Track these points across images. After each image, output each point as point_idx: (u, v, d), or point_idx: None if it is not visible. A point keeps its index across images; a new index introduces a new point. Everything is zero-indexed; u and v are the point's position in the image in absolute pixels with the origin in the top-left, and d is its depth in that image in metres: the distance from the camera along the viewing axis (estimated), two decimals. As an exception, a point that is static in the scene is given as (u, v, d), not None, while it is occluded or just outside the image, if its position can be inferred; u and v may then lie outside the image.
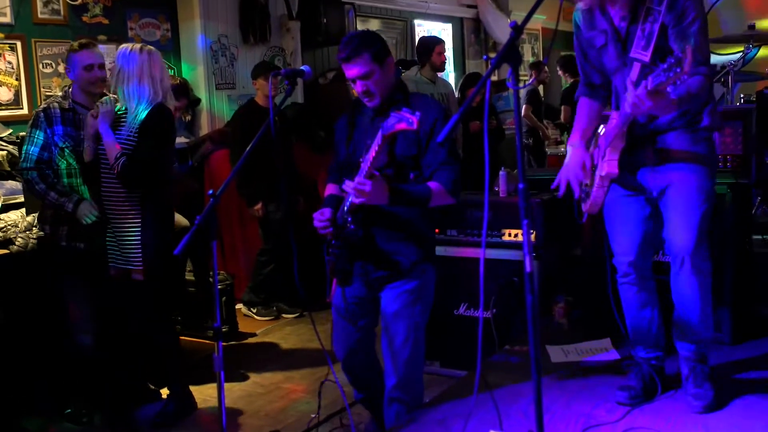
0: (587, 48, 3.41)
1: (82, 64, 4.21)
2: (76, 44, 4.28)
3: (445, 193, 3.24)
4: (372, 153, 3.01)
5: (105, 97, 4.23)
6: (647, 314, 3.49)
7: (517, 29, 2.21)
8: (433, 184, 3.22)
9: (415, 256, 3.36)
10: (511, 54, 2.20)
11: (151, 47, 4.21)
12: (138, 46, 4.17)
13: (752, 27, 6.13)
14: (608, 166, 3.21)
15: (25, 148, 4.23)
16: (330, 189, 3.62)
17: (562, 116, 9.45)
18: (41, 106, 4.31)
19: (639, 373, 3.51)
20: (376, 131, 3.05)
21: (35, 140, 4.20)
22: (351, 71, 3.24)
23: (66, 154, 4.24)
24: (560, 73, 9.85)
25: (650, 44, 3.05)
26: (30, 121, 4.29)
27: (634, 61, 3.12)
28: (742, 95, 5.93)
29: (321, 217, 3.38)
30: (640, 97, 2.76)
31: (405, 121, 2.84)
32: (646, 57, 3.06)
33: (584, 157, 3.39)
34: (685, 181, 3.20)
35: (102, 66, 4.29)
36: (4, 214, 4.70)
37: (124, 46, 4.18)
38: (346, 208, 3.27)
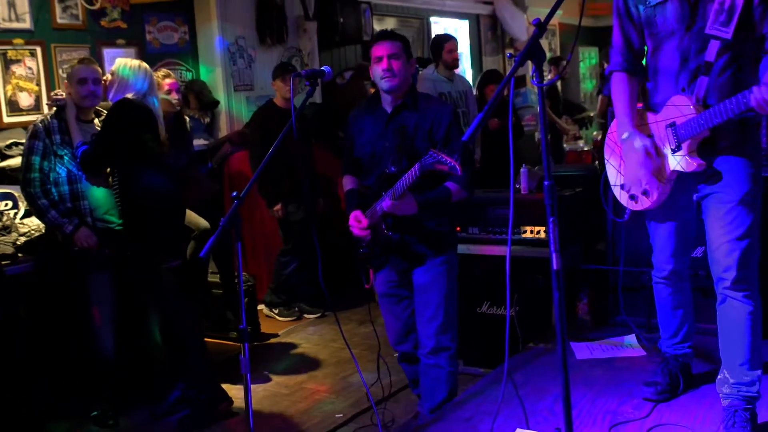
0: (634, 4, 3.07)
1: (76, 77, 4.38)
2: (76, 61, 4.54)
3: (461, 191, 3.56)
4: (408, 181, 3.29)
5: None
6: (679, 315, 3.45)
7: (541, 26, 2.19)
8: (450, 185, 3.53)
9: (439, 247, 3.65)
10: (534, 51, 2.20)
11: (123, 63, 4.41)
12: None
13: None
14: (694, 160, 2.95)
15: (26, 158, 4.36)
16: (348, 182, 3.85)
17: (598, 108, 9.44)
18: (38, 119, 4.46)
19: (666, 368, 3.47)
20: (394, 135, 3.54)
21: (36, 150, 4.35)
22: (382, 48, 3.54)
23: (66, 161, 4.38)
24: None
25: (732, 19, 2.76)
26: (28, 134, 4.43)
27: (710, 38, 2.84)
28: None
29: (359, 225, 3.62)
30: None
31: (447, 164, 3.09)
32: (728, 34, 2.77)
33: (648, 145, 3.05)
34: (727, 196, 2.96)
35: (96, 81, 4.41)
36: (27, 219, 4.74)
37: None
38: (377, 215, 3.55)
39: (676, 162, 3.00)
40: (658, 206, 3.16)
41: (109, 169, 4.44)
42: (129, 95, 4.30)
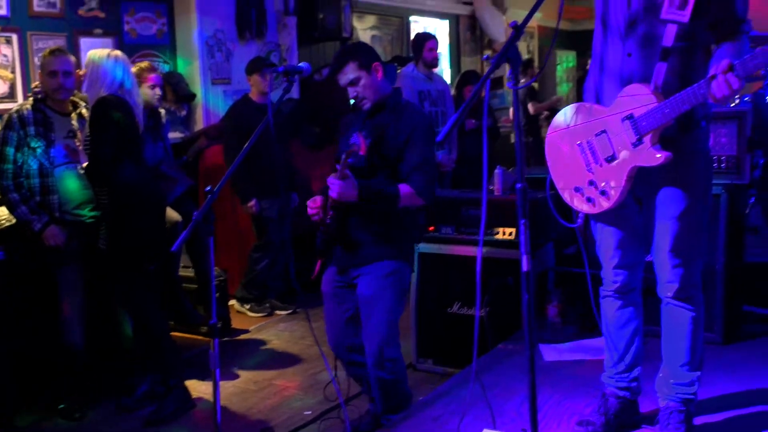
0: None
1: (47, 70, 4.32)
2: (47, 51, 4.42)
3: (415, 195, 3.47)
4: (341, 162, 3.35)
5: None
6: (629, 332, 3.16)
7: (518, 29, 2.21)
8: (403, 186, 3.46)
9: (386, 252, 3.59)
10: (511, 53, 2.21)
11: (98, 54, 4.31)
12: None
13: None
14: (658, 152, 2.73)
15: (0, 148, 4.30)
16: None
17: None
18: (13, 109, 4.38)
19: (603, 407, 3.20)
20: (370, 131, 3.57)
21: (10, 141, 4.28)
22: (341, 80, 3.59)
23: (38, 153, 4.31)
24: None
25: (688, 2, 2.63)
26: (2, 124, 4.37)
27: (667, 23, 2.69)
28: (737, 96, 5.93)
29: (313, 204, 3.66)
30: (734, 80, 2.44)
31: (356, 144, 3.41)
32: (685, 17, 2.63)
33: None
34: (671, 208, 2.88)
35: (66, 74, 4.33)
36: (-1, 208, 4.70)
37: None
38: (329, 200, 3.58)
39: (637, 156, 2.79)
40: (604, 212, 2.97)
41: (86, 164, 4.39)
42: (104, 91, 4.20)
